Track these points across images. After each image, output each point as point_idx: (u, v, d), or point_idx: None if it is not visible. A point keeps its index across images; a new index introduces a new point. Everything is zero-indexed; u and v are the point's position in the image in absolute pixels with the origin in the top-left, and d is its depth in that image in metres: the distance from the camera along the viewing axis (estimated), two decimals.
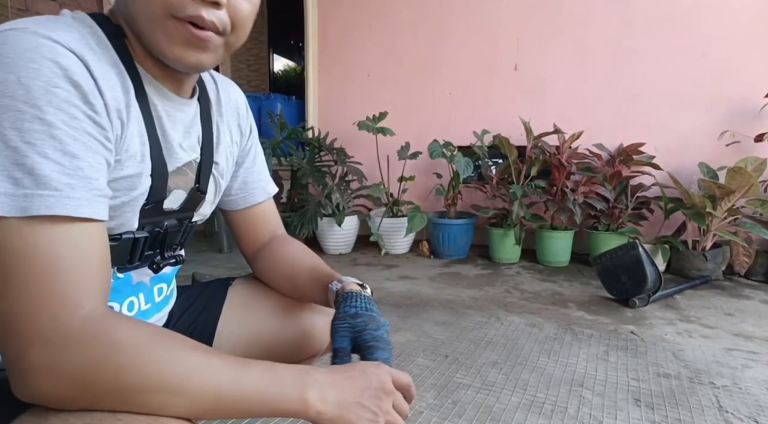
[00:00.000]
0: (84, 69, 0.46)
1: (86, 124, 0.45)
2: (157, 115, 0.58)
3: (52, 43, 0.44)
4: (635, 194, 2.76)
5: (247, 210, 0.80)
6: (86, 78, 0.46)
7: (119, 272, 0.61)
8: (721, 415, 1.24)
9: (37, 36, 0.44)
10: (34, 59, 0.42)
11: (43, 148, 0.42)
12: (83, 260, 0.43)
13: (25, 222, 0.41)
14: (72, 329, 0.41)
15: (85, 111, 0.45)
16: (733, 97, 2.74)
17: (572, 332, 1.80)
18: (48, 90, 0.42)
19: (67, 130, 0.43)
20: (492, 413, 1.23)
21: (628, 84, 2.95)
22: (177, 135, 0.61)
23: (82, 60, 0.46)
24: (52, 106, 0.42)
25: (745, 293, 2.37)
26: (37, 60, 0.42)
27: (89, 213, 0.44)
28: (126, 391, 0.41)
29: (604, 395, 1.34)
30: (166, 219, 0.63)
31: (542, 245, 2.88)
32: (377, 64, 3.58)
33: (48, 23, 0.47)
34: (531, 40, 3.17)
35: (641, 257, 2.06)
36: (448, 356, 1.57)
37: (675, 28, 2.83)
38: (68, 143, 0.43)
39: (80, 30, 0.49)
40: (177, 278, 0.77)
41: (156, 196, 0.59)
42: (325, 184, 3.06)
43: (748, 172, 2.42)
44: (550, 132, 2.81)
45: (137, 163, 0.54)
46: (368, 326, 0.62)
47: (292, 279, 0.78)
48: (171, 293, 0.74)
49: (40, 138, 0.42)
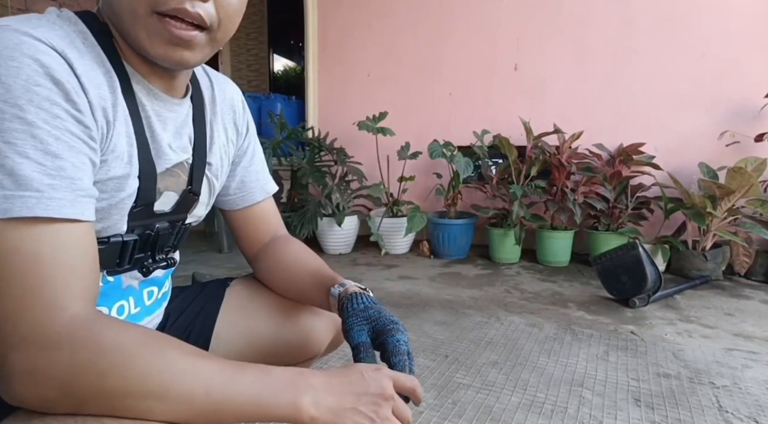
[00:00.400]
0: (66, 66, 0.45)
1: (69, 123, 0.44)
2: (146, 115, 0.56)
3: (33, 40, 0.43)
4: (635, 194, 2.76)
5: (246, 210, 0.79)
6: (69, 76, 0.45)
7: (109, 276, 0.60)
8: (721, 415, 1.24)
9: (17, 33, 0.42)
10: (13, 57, 0.41)
11: (23, 148, 0.41)
12: (68, 261, 0.42)
13: (6, 224, 0.40)
14: (55, 332, 0.40)
15: (68, 109, 0.44)
16: (733, 97, 2.74)
17: (572, 332, 1.80)
18: (29, 88, 0.41)
19: (49, 129, 0.42)
20: (492, 413, 1.23)
21: (628, 84, 2.95)
22: (167, 135, 0.60)
23: (65, 57, 0.45)
24: (32, 105, 0.41)
25: (745, 293, 2.36)
26: (17, 58, 0.41)
27: (72, 214, 0.43)
28: (110, 396, 0.40)
29: (604, 395, 1.34)
30: (157, 221, 0.62)
31: (542, 245, 2.88)
32: (377, 64, 3.58)
33: (30, 21, 0.46)
34: (531, 40, 3.17)
35: (641, 257, 2.06)
36: (448, 356, 1.57)
37: (675, 28, 2.83)
38: (50, 143, 0.42)
39: (65, 28, 0.48)
40: (174, 279, 0.76)
41: (145, 198, 0.57)
42: (325, 184, 3.06)
43: (748, 172, 2.42)
44: (550, 132, 2.81)
45: (124, 164, 0.53)
46: (382, 314, 0.62)
47: (293, 281, 0.77)
48: (163, 295, 0.73)
49: (21, 138, 0.41)
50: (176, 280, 0.76)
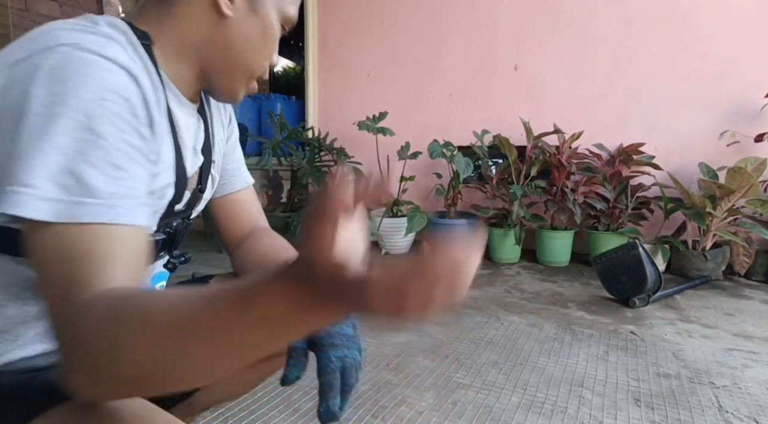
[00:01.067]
0: (134, 84, 0.48)
1: (132, 137, 0.47)
2: (176, 123, 0.59)
3: (104, 60, 0.46)
4: (635, 194, 2.76)
5: (226, 197, 0.78)
6: (135, 93, 0.48)
7: None
8: (721, 415, 1.24)
9: (90, 53, 0.45)
10: (86, 73, 0.44)
11: (92, 158, 0.43)
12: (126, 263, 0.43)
13: (71, 228, 0.42)
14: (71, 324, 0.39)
15: (133, 124, 0.47)
16: (733, 97, 2.74)
17: (572, 332, 1.80)
18: (100, 103, 0.44)
19: (115, 142, 0.45)
20: (492, 413, 1.23)
21: (628, 84, 2.95)
22: (190, 142, 0.63)
23: (132, 75, 0.48)
24: (102, 118, 0.44)
25: (745, 293, 2.37)
26: (89, 74, 0.44)
27: (130, 221, 0.45)
28: (122, 382, 0.38)
29: (604, 395, 1.34)
30: (174, 220, 0.65)
31: (542, 245, 2.88)
32: (377, 64, 3.58)
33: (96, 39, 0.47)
34: (531, 40, 3.17)
35: (641, 257, 2.06)
36: (448, 356, 1.57)
37: (675, 28, 2.83)
38: (115, 155, 0.45)
39: (120, 40, 0.50)
40: (175, 278, 0.77)
41: (175, 201, 0.60)
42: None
43: (748, 172, 2.42)
44: (550, 132, 2.81)
45: (168, 174, 0.57)
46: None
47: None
48: None
49: (90, 148, 0.43)
50: (176, 279, 0.76)
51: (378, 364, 1.50)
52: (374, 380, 1.39)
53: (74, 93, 0.43)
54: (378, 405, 1.25)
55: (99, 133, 0.44)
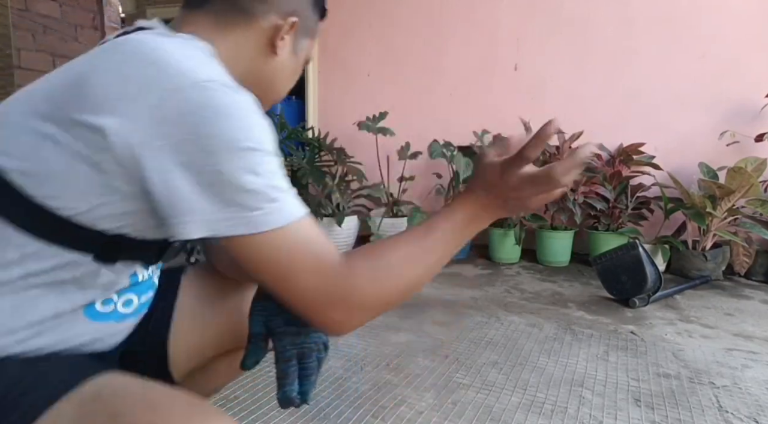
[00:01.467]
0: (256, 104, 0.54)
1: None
2: None
3: (241, 97, 0.51)
4: (635, 194, 2.76)
5: None
6: (259, 110, 0.54)
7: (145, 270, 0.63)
8: (721, 415, 1.24)
9: (231, 91, 0.50)
10: (240, 107, 0.50)
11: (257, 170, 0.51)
12: (320, 238, 0.54)
13: (282, 229, 0.50)
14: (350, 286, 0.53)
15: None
16: (733, 97, 2.74)
17: (572, 332, 1.80)
18: (259, 128, 0.50)
19: (275, 159, 0.52)
20: (492, 413, 1.23)
21: (628, 84, 2.95)
22: None
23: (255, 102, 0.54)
24: (268, 143, 0.51)
25: (745, 293, 2.37)
26: (243, 107, 0.50)
27: (304, 211, 0.54)
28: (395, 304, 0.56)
29: (604, 395, 1.34)
30: None
31: (542, 245, 2.88)
32: (377, 64, 3.58)
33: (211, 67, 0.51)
34: (531, 40, 3.17)
35: (641, 257, 2.06)
36: (448, 356, 1.57)
37: (675, 28, 2.83)
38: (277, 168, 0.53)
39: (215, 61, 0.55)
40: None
41: None
42: (325, 184, 3.06)
43: (748, 172, 2.42)
44: None
45: None
46: (283, 310, 0.60)
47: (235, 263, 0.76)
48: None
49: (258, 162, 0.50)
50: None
51: (378, 364, 1.50)
52: (374, 380, 1.39)
53: (240, 128, 0.50)
54: (378, 405, 1.25)
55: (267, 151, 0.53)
